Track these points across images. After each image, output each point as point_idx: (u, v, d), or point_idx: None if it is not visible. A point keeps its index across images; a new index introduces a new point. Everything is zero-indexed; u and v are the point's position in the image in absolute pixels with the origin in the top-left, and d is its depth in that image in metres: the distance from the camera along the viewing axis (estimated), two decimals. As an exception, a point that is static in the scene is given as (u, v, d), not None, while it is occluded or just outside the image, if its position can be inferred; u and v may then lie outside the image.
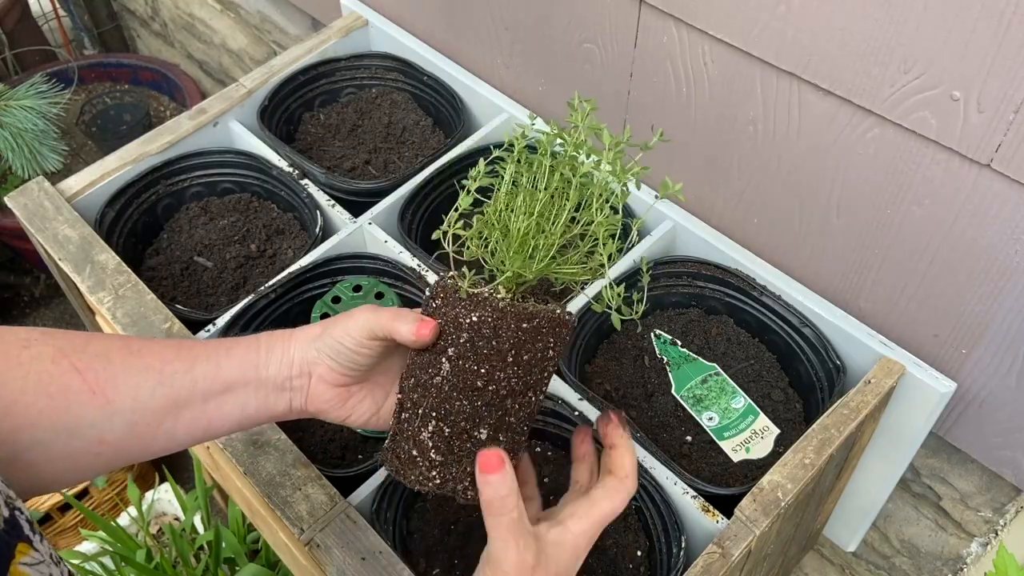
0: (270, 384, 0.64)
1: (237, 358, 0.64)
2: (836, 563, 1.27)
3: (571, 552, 0.59)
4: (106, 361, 0.60)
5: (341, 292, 0.93)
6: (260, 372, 0.64)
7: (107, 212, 1.12)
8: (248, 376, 0.64)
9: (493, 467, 0.56)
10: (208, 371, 0.63)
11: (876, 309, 0.95)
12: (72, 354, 0.59)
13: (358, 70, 1.31)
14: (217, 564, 1.48)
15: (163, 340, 0.65)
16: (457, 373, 0.61)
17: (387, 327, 0.62)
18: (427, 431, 0.62)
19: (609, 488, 0.61)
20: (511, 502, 0.56)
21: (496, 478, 0.56)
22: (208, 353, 0.64)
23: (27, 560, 0.45)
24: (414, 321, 0.61)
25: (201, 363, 0.63)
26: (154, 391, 0.61)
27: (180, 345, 0.64)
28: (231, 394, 0.64)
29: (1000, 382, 0.88)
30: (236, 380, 0.64)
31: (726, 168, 1.00)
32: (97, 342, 0.61)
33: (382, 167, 1.23)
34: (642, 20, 0.96)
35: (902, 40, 0.75)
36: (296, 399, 0.65)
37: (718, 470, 0.93)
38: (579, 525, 0.59)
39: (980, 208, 0.79)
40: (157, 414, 0.61)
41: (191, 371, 0.62)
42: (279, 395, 0.65)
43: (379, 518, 0.85)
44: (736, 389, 0.98)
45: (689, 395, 0.98)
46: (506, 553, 0.56)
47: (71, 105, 2.21)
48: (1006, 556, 0.87)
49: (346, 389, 0.66)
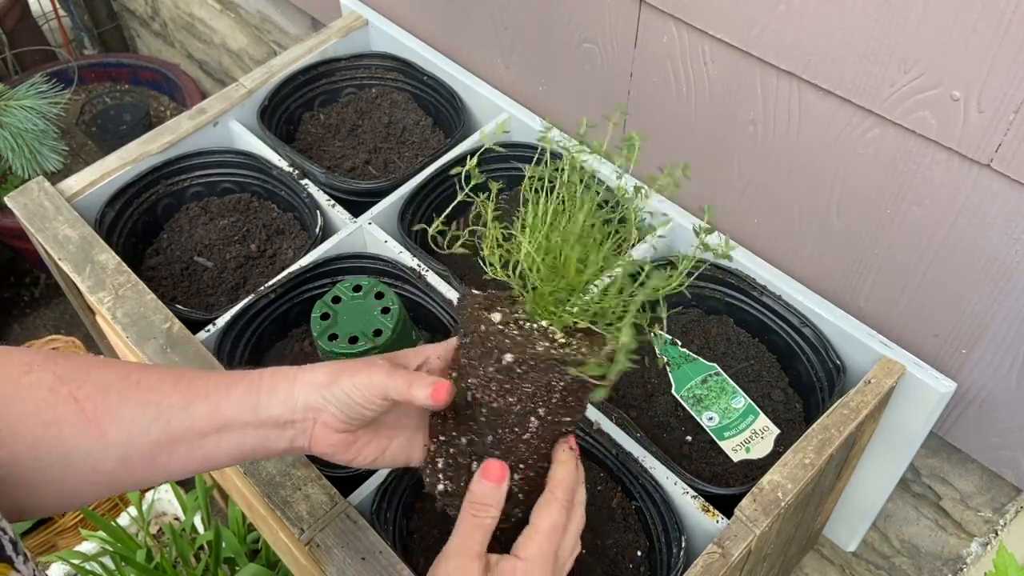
0: (270, 424, 0.64)
1: (236, 398, 0.63)
2: (836, 563, 1.27)
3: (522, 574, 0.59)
4: (104, 392, 0.60)
5: (341, 292, 0.93)
6: (260, 413, 0.63)
7: (107, 212, 1.12)
8: (246, 417, 0.63)
9: (494, 477, 0.61)
10: (206, 410, 0.62)
11: (876, 309, 0.95)
12: (71, 383, 0.59)
13: (358, 70, 1.31)
14: (217, 564, 1.48)
15: (164, 370, 0.64)
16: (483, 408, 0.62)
17: (403, 394, 0.62)
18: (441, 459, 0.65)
19: (542, 504, 0.62)
20: (492, 512, 0.61)
21: (491, 487, 0.61)
22: (208, 391, 0.63)
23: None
24: (429, 385, 0.61)
25: (200, 401, 0.62)
26: (149, 426, 0.60)
27: (179, 379, 0.63)
28: (228, 433, 0.63)
29: (1000, 382, 0.88)
30: (234, 420, 0.63)
31: (726, 168, 1.00)
32: (97, 371, 0.61)
33: (382, 167, 1.23)
34: (642, 20, 0.96)
35: (902, 40, 0.75)
36: (299, 440, 0.65)
37: (718, 470, 0.93)
38: (525, 550, 0.60)
39: (980, 208, 0.79)
40: (152, 448, 0.61)
41: (188, 408, 0.62)
42: (280, 434, 0.64)
43: (379, 518, 0.85)
44: (736, 389, 0.98)
45: (689, 395, 0.98)
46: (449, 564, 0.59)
47: (71, 105, 2.21)
48: (1006, 556, 0.87)
49: (351, 435, 0.66)
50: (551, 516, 0.61)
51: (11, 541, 0.48)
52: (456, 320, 0.64)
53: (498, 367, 0.59)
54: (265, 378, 0.64)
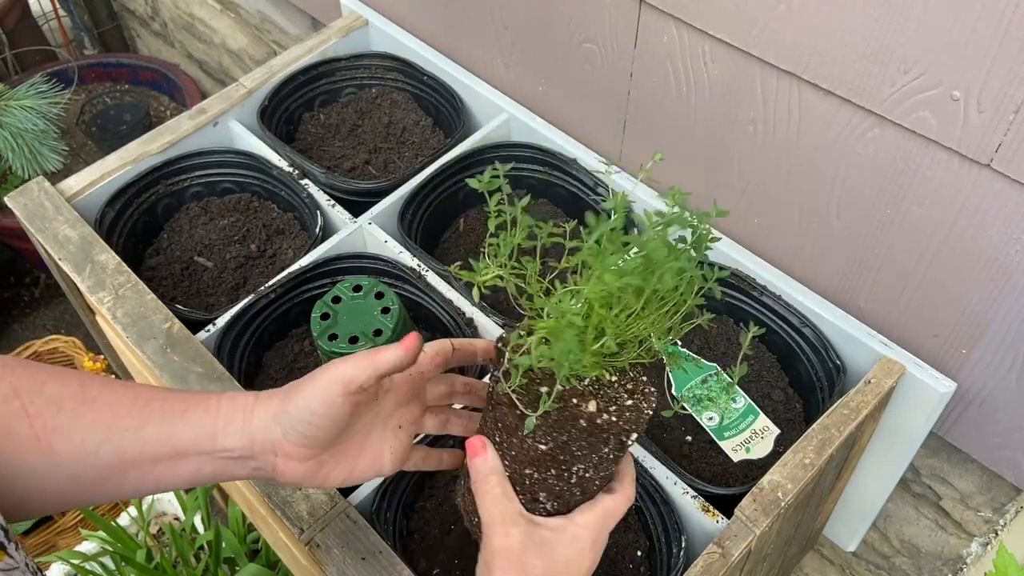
0: (227, 454, 0.61)
1: (192, 423, 0.60)
2: (836, 563, 1.27)
3: (570, 540, 0.60)
4: (57, 408, 0.58)
5: (341, 292, 0.93)
6: (216, 443, 0.61)
7: (107, 212, 1.12)
8: (202, 445, 0.60)
9: (476, 451, 0.62)
10: (159, 434, 0.60)
11: (876, 309, 0.95)
12: (25, 395, 0.57)
13: (358, 70, 1.31)
14: (217, 564, 1.48)
15: (123, 387, 0.61)
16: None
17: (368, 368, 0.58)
18: None
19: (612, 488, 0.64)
20: (494, 480, 0.61)
21: (479, 460, 0.61)
22: (163, 413, 0.60)
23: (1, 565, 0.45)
24: (398, 347, 0.59)
25: (153, 424, 0.60)
26: (99, 447, 0.58)
27: (136, 398, 0.60)
28: (183, 459, 0.61)
29: (1000, 382, 0.88)
30: (189, 447, 0.60)
31: (726, 168, 1.00)
32: (53, 384, 0.59)
33: (382, 167, 1.23)
34: (642, 20, 0.96)
35: (902, 40, 0.75)
36: (262, 471, 0.63)
37: (718, 470, 0.93)
38: (582, 517, 0.61)
39: (980, 208, 0.79)
40: (102, 471, 0.59)
41: (141, 431, 0.59)
42: (239, 464, 0.62)
43: (379, 518, 0.85)
44: (736, 389, 0.98)
45: (689, 395, 0.98)
46: (492, 534, 0.59)
47: (71, 105, 2.21)
48: (1006, 556, 0.87)
49: (316, 461, 0.63)
50: (616, 501, 0.63)
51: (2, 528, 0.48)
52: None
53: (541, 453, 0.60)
54: (223, 406, 0.61)
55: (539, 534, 0.60)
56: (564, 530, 0.60)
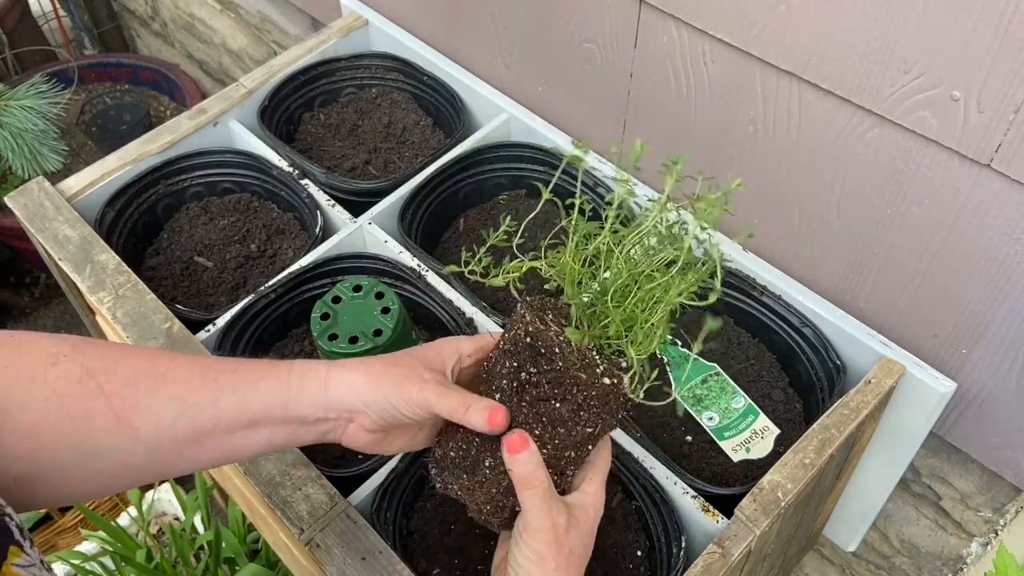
0: (299, 421, 0.64)
1: (265, 393, 0.62)
2: (836, 563, 1.27)
3: (593, 510, 0.64)
4: (133, 387, 0.59)
5: (341, 292, 0.93)
6: (289, 411, 0.63)
7: (107, 212, 1.12)
8: (275, 413, 0.63)
9: (518, 447, 0.61)
10: (234, 403, 0.62)
11: (876, 309, 0.95)
12: (99, 375, 0.58)
13: (358, 70, 1.31)
14: (217, 564, 1.48)
15: (190, 360, 0.63)
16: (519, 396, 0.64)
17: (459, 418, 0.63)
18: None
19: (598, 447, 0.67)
20: (540, 474, 0.61)
21: (524, 456, 0.61)
22: (235, 383, 0.62)
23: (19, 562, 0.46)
24: (486, 410, 0.62)
25: (227, 395, 0.61)
26: (176, 421, 0.60)
27: (207, 371, 0.62)
28: (257, 427, 0.63)
29: (1000, 382, 0.88)
30: (263, 416, 0.62)
31: (726, 168, 1.00)
32: (126, 362, 0.60)
33: (382, 167, 1.23)
34: (642, 20, 0.96)
35: (902, 40, 0.75)
36: (330, 435, 0.65)
37: (718, 470, 0.93)
38: (592, 485, 0.65)
39: (980, 208, 0.79)
40: (180, 443, 0.61)
41: (216, 403, 0.61)
42: (309, 428, 0.65)
43: (379, 518, 0.85)
44: (736, 389, 0.98)
45: (689, 395, 0.98)
46: (542, 520, 0.61)
47: (71, 105, 2.21)
48: (1006, 556, 0.87)
49: (384, 432, 0.66)
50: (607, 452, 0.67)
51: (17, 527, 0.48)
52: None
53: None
54: (295, 375, 0.64)
55: (573, 515, 0.63)
56: (585, 504, 0.64)
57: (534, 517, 0.61)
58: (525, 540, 0.61)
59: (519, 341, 0.63)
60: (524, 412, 0.63)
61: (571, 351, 0.63)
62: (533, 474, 0.61)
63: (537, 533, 0.61)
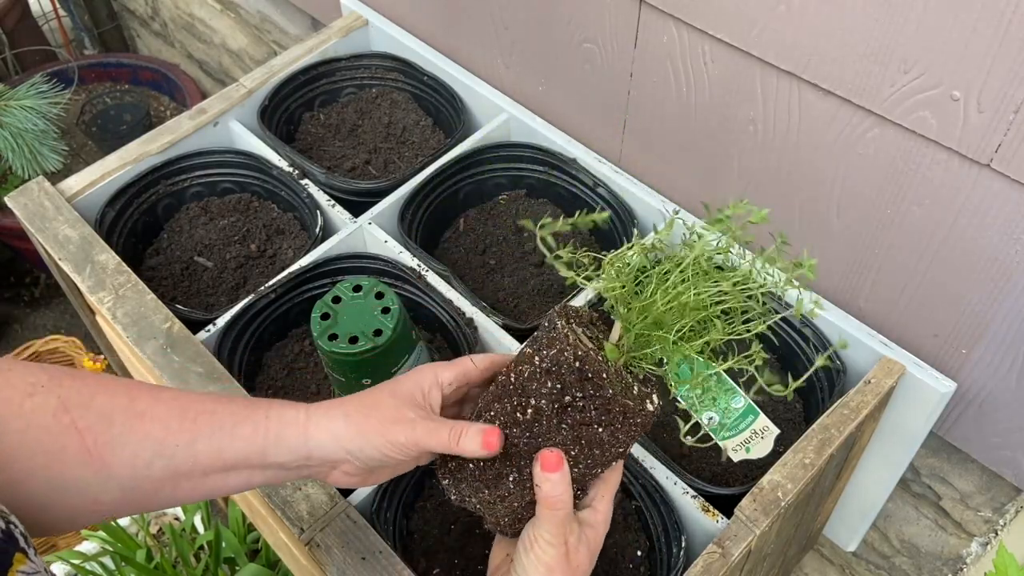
0: (278, 467, 0.63)
1: (242, 440, 0.61)
2: (836, 563, 1.27)
3: (603, 527, 0.65)
4: (108, 423, 0.58)
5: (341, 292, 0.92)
6: (267, 458, 0.62)
7: (107, 212, 1.12)
8: (253, 461, 0.62)
9: (553, 466, 0.60)
10: (210, 448, 0.61)
11: (876, 309, 0.95)
12: (75, 409, 0.57)
13: (358, 70, 1.31)
14: (217, 564, 1.48)
15: (170, 398, 0.62)
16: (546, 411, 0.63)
17: (451, 450, 0.61)
18: None
19: None
20: (566, 498, 0.61)
21: (556, 476, 0.60)
22: (212, 428, 0.61)
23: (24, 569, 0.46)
24: (479, 434, 0.61)
25: (204, 439, 0.60)
26: (152, 462, 0.59)
27: (185, 412, 0.61)
28: (235, 471, 0.62)
29: (1000, 382, 0.88)
30: (239, 462, 0.62)
31: (726, 168, 1.00)
32: (102, 398, 0.59)
33: (382, 167, 1.23)
34: (642, 20, 0.96)
35: (902, 40, 0.75)
36: (312, 476, 0.65)
37: (718, 470, 0.93)
38: (603, 502, 0.65)
39: (980, 208, 0.79)
40: (154, 483, 0.60)
41: (193, 445, 0.60)
42: (289, 473, 0.64)
43: (379, 518, 0.85)
44: (736, 389, 0.98)
45: (689, 395, 0.98)
46: (557, 538, 0.61)
47: (71, 105, 2.21)
48: (1006, 556, 0.87)
49: (368, 472, 0.66)
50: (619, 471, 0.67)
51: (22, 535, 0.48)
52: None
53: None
54: (272, 422, 0.62)
55: (584, 532, 0.63)
56: (596, 521, 0.64)
57: (550, 535, 0.61)
58: (536, 552, 0.61)
59: (564, 363, 0.60)
60: (563, 434, 0.62)
61: (616, 375, 0.61)
62: (560, 497, 0.61)
63: (549, 547, 0.61)
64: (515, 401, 0.63)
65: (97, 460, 0.57)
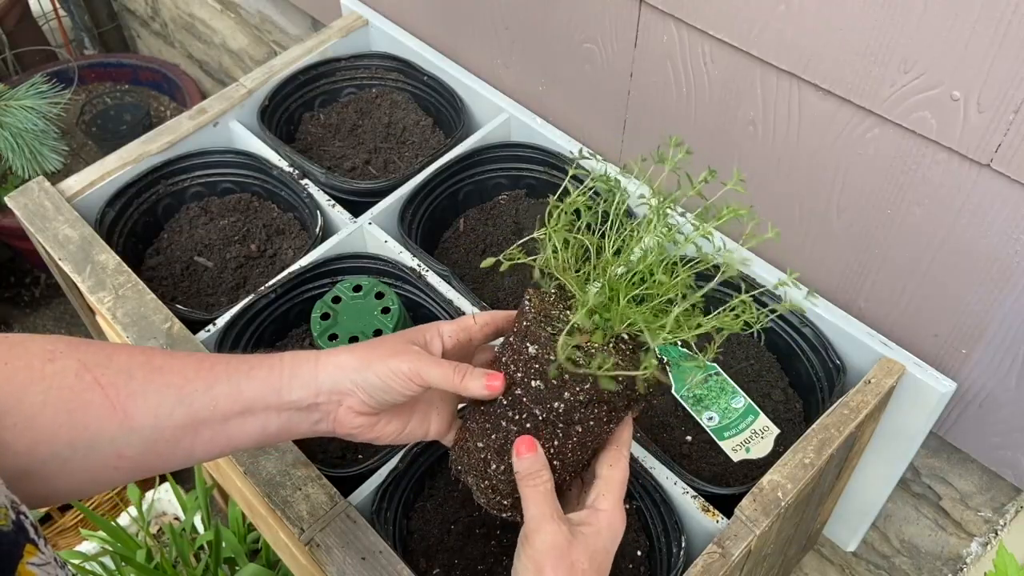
0: (293, 407, 0.64)
1: (258, 380, 0.63)
2: (836, 563, 1.27)
3: (607, 528, 0.63)
4: (128, 377, 0.60)
5: (341, 292, 0.93)
6: (282, 396, 0.64)
7: (107, 212, 1.12)
8: (269, 400, 0.64)
9: (526, 449, 0.63)
10: (228, 392, 0.63)
11: (876, 309, 0.95)
12: (95, 368, 0.59)
13: (358, 70, 1.31)
14: (217, 564, 1.48)
15: (185, 355, 0.64)
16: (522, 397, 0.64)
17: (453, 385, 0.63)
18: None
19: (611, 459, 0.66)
20: (544, 475, 0.62)
21: (530, 456, 0.63)
22: (229, 373, 0.63)
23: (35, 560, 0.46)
24: (483, 376, 0.63)
25: (222, 383, 0.63)
26: (173, 410, 0.61)
27: (201, 362, 0.63)
28: (251, 415, 0.64)
29: (1000, 382, 0.88)
30: (256, 402, 0.63)
31: (726, 168, 1.00)
32: (121, 356, 0.61)
33: (382, 167, 1.23)
34: (642, 20, 0.96)
35: (902, 40, 0.75)
36: (322, 423, 0.66)
37: (718, 470, 0.93)
38: (606, 501, 0.64)
39: (980, 208, 0.79)
40: (176, 432, 0.61)
41: (211, 390, 0.62)
42: (302, 416, 0.65)
43: (379, 518, 0.85)
44: (736, 389, 0.98)
45: (689, 395, 0.98)
46: (539, 532, 0.61)
47: (71, 105, 2.21)
48: (1006, 556, 0.87)
49: (375, 416, 0.67)
50: (623, 469, 0.66)
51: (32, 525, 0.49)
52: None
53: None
54: (286, 361, 0.65)
55: (580, 530, 0.62)
56: (598, 521, 0.63)
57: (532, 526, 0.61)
58: (526, 551, 0.61)
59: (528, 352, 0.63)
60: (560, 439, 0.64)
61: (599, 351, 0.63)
62: (538, 473, 0.62)
63: (532, 548, 0.61)
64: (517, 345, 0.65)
65: (120, 412, 0.59)
